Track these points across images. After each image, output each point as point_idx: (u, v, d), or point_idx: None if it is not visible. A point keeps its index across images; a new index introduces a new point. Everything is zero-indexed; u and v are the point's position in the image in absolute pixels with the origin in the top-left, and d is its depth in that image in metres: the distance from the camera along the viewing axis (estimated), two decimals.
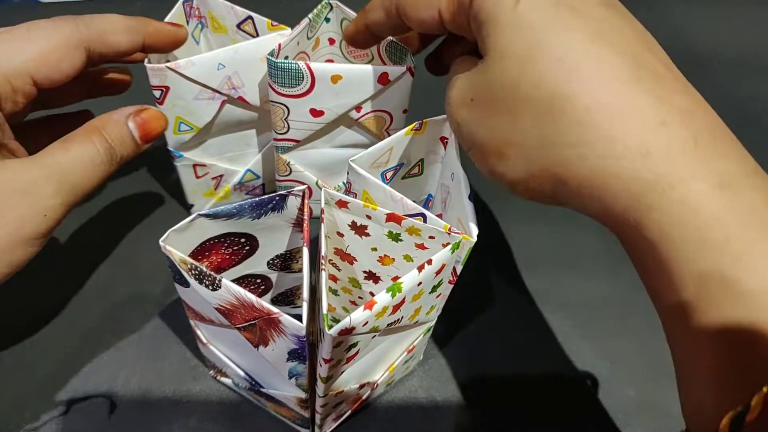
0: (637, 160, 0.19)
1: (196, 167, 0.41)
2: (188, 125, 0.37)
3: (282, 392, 0.30)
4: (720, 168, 0.19)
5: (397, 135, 0.30)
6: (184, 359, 0.38)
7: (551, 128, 0.21)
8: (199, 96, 0.36)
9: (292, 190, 0.27)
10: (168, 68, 0.33)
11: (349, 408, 0.34)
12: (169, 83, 0.34)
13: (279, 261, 0.33)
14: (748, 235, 0.19)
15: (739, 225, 0.19)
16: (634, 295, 0.43)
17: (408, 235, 0.27)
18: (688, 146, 0.19)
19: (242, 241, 0.30)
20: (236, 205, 0.27)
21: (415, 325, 0.30)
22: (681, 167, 0.19)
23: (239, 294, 0.24)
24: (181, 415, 0.35)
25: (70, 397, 0.36)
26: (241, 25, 0.39)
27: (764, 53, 0.64)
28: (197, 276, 0.25)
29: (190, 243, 0.28)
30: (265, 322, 0.25)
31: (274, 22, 0.37)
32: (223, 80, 0.36)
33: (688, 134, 0.20)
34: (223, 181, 0.44)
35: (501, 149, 0.23)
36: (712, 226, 0.19)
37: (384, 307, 0.24)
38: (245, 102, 0.38)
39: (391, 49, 0.36)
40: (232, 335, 0.28)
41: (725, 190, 0.19)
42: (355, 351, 0.27)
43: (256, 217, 0.28)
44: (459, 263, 0.28)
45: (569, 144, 0.20)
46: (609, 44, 0.21)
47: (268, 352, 0.27)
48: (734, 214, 0.19)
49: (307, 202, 0.27)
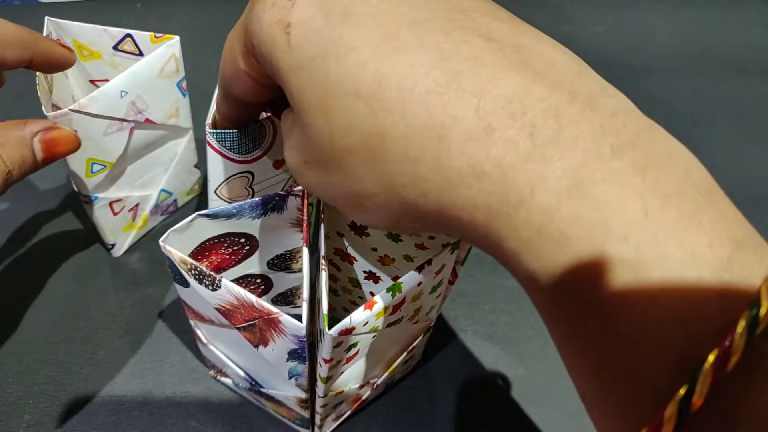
0: (474, 185, 0.16)
1: (112, 204, 0.40)
2: (101, 164, 0.36)
3: (282, 392, 0.30)
4: (565, 165, 0.15)
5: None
6: (184, 360, 0.38)
7: (383, 172, 0.17)
8: (107, 131, 0.34)
9: (292, 190, 0.27)
10: (72, 111, 0.32)
11: (349, 408, 0.34)
12: (75, 126, 0.32)
13: (279, 261, 0.33)
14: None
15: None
16: None
17: (408, 236, 0.27)
18: (524, 148, 0.15)
19: (242, 241, 0.30)
20: (236, 205, 0.27)
21: (415, 325, 0.30)
22: (521, 180, 0.15)
23: (239, 294, 0.24)
24: (181, 416, 0.35)
25: (71, 398, 0.36)
26: (119, 46, 0.38)
27: (764, 53, 0.64)
28: (197, 276, 0.25)
29: (190, 243, 0.28)
30: (264, 323, 0.25)
31: (158, 34, 0.36)
32: (129, 107, 0.35)
33: (521, 133, 0.15)
34: (140, 209, 0.43)
35: (357, 203, 0.19)
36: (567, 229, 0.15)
37: (384, 307, 0.24)
38: (152, 123, 0.37)
39: None
40: (232, 335, 0.28)
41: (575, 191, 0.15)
42: (355, 351, 0.27)
43: (256, 217, 0.28)
44: (459, 264, 0.28)
45: (406, 184, 0.17)
46: (407, 46, 0.16)
47: (267, 352, 0.27)
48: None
49: (306, 202, 0.27)
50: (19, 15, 0.57)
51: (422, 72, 0.16)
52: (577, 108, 0.15)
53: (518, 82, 0.16)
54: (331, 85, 0.17)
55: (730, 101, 0.58)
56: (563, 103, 0.15)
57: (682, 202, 0.14)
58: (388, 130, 0.17)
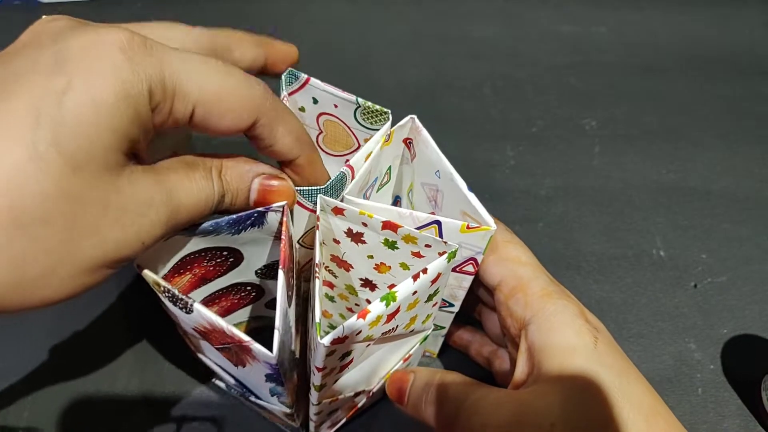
0: None
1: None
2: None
3: (270, 404, 0.30)
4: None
5: (373, 154, 0.29)
6: (184, 360, 0.38)
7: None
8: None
9: (271, 207, 0.26)
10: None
11: (345, 415, 0.34)
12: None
13: (267, 270, 0.32)
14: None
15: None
16: (634, 297, 0.43)
17: (404, 243, 0.27)
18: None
19: (225, 254, 0.29)
20: (212, 222, 0.26)
21: (411, 334, 0.30)
22: None
23: (210, 319, 0.23)
24: (180, 416, 0.35)
25: (71, 398, 0.36)
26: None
27: (765, 53, 0.64)
28: (171, 298, 0.24)
29: (168, 260, 0.27)
30: (238, 347, 0.24)
31: None
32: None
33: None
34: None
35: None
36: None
37: (378, 316, 0.24)
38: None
39: (365, 115, 0.31)
40: (216, 351, 0.28)
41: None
42: (349, 359, 0.26)
43: (236, 233, 0.27)
44: (480, 254, 0.28)
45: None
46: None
47: (247, 371, 0.26)
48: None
49: (286, 220, 0.27)
50: (19, 15, 0.57)
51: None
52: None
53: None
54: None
55: (730, 101, 0.58)
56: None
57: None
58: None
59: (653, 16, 0.66)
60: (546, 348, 0.27)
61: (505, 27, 0.64)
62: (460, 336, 0.38)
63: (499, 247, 0.30)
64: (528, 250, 0.31)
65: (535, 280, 0.29)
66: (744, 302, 0.43)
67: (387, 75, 0.58)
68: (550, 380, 0.25)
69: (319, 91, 0.31)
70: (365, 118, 0.31)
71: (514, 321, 0.29)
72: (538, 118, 0.56)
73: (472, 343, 0.37)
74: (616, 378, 0.25)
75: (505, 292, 0.30)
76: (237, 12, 0.60)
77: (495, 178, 0.51)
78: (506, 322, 0.30)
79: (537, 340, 0.27)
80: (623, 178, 0.51)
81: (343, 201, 0.28)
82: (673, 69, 0.61)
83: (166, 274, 0.27)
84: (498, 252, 0.30)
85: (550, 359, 0.26)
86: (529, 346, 0.28)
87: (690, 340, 0.41)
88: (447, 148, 0.29)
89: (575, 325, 0.27)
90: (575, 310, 0.28)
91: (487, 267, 0.30)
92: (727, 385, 0.39)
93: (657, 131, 0.55)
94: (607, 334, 0.28)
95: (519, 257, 0.30)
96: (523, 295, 0.29)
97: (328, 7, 0.64)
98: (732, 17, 0.67)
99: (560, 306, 0.28)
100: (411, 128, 0.31)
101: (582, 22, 0.65)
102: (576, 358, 0.26)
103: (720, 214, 0.49)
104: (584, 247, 0.46)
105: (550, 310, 0.28)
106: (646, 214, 0.49)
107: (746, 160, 0.53)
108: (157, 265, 0.26)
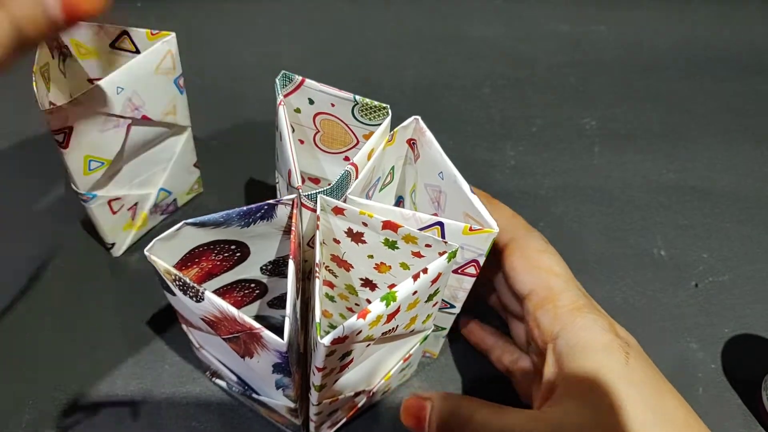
0: None
1: (111, 203, 0.40)
2: (99, 161, 0.36)
3: (272, 400, 0.30)
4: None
5: (375, 154, 0.29)
6: (183, 360, 0.38)
7: None
8: (104, 127, 0.34)
9: (281, 199, 0.27)
10: (69, 106, 0.31)
11: (345, 415, 0.34)
12: (71, 122, 0.32)
13: (272, 267, 0.33)
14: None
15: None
16: (636, 297, 0.43)
17: (404, 243, 0.27)
18: None
19: (233, 248, 0.29)
20: (223, 214, 0.26)
21: (411, 334, 0.30)
22: None
23: (221, 307, 0.24)
24: (180, 416, 0.35)
25: (71, 398, 0.36)
26: (116, 43, 0.37)
27: (765, 53, 0.64)
28: (181, 287, 0.24)
29: (178, 251, 0.27)
30: (247, 336, 0.24)
31: (154, 31, 0.36)
32: (125, 103, 0.34)
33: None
34: (139, 208, 0.43)
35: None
36: None
37: (378, 316, 0.24)
38: (149, 120, 0.37)
39: (363, 111, 0.31)
40: (221, 343, 0.28)
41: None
42: (349, 359, 0.26)
43: (245, 225, 0.28)
44: (482, 256, 0.28)
45: None
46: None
47: (254, 363, 0.27)
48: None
49: (296, 212, 0.27)
50: None
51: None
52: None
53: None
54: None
55: (730, 101, 0.58)
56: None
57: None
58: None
59: (653, 16, 0.66)
60: (575, 364, 0.26)
61: (504, 27, 0.64)
62: (483, 339, 0.38)
63: (532, 256, 0.30)
64: (561, 261, 0.31)
65: (566, 291, 0.29)
66: (745, 302, 0.43)
67: (386, 75, 0.58)
68: (581, 399, 0.25)
69: (315, 92, 0.31)
70: (364, 115, 0.31)
71: (541, 333, 0.29)
72: (538, 118, 0.56)
73: (494, 350, 0.36)
74: (648, 394, 0.25)
75: (534, 302, 0.29)
76: (236, 12, 0.60)
77: (495, 178, 0.50)
78: (534, 333, 0.30)
79: (566, 355, 0.27)
80: (623, 178, 0.51)
81: (346, 201, 0.28)
82: (673, 68, 0.61)
83: (175, 265, 0.28)
84: (531, 260, 0.30)
85: (579, 376, 0.26)
86: (556, 359, 0.27)
87: (691, 339, 0.41)
88: (447, 148, 0.29)
89: (605, 340, 0.27)
90: (605, 325, 0.27)
91: (518, 275, 0.30)
92: (727, 384, 0.39)
93: (657, 131, 0.55)
94: (639, 348, 0.27)
95: (552, 267, 0.30)
96: (553, 307, 0.28)
97: (328, 7, 0.64)
98: (732, 17, 0.67)
99: (590, 320, 0.27)
100: (415, 129, 0.31)
101: (582, 22, 0.65)
102: (607, 375, 0.25)
103: (721, 213, 0.49)
104: (584, 247, 0.46)
105: (579, 324, 0.27)
106: (646, 214, 0.49)
107: (746, 159, 0.53)
108: (170, 255, 0.26)
